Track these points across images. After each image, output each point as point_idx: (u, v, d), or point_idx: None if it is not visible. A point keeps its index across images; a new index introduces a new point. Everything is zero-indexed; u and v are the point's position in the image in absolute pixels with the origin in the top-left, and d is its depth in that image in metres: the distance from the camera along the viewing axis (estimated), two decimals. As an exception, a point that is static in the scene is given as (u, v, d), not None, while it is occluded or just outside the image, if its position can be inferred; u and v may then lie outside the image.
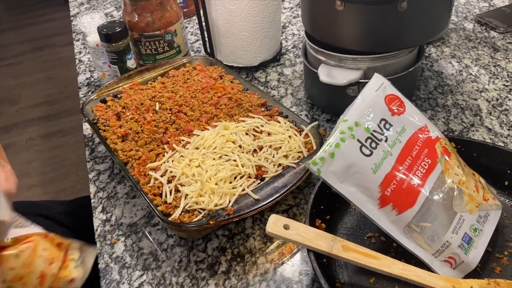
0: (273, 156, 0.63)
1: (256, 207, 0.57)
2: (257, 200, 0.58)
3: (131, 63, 0.86)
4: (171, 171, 0.62)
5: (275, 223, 0.49)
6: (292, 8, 1.15)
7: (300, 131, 0.68)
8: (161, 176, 0.62)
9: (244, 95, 0.76)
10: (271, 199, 0.57)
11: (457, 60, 0.90)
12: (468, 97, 0.81)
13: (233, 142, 0.66)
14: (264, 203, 0.57)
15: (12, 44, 2.95)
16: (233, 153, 0.64)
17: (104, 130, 0.71)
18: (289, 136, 0.66)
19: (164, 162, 0.64)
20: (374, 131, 0.52)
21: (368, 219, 0.51)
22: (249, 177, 0.61)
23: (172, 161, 0.64)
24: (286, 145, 0.65)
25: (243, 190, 0.59)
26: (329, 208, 0.58)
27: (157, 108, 0.74)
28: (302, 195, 0.66)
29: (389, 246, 0.55)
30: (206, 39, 0.92)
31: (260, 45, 0.89)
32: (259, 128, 0.68)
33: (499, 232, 0.55)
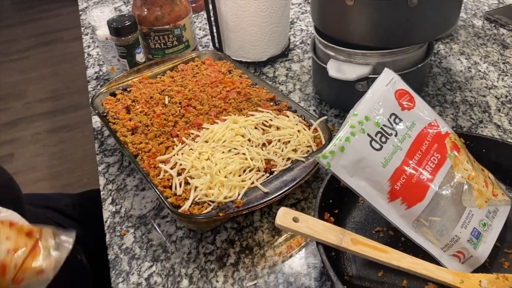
0: (282, 150, 0.64)
1: (265, 200, 0.57)
2: (266, 193, 0.58)
3: (140, 57, 0.86)
4: (180, 164, 0.62)
5: (284, 216, 0.50)
6: (300, 4, 1.15)
7: (309, 125, 0.68)
8: (171, 168, 0.62)
9: (252, 89, 0.77)
10: (280, 192, 0.58)
11: (466, 57, 0.90)
12: (476, 93, 0.81)
13: (242, 135, 0.66)
14: (273, 196, 0.57)
15: (19, 39, 2.97)
16: (242, 146, 0.64)
17: (113, 123, 0.72)
18: (298, 131, 0.66)
19: (173, 155, 0.64)
20: (384, 125, 0.52)
21: (377, 213, 0.51)
22: (258, 170, 0.62)
23: (182, 154, 0.64)
24: (295, 139, 0.65)
25: (252, 183, 0.59)
26: (337, 202, 0.58)
27: (166, 102, 0.75)
28: (310, 189, 0.66)
29: (397, 240, 0.55)
30: (215, 34, 0.92)
31: (269, 40, 0.89)
32: (268, 122, 0.69)
33: (508, 227, 0.55)
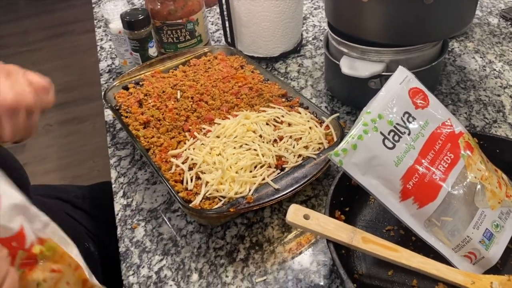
0: (294, 147, 0.64)
1: (276, 197, 0.57)
2: (277, 190, 0.58)
3: (152, 51, 0.86)
4: (192, 159, 0.63)
5: (295, 213, 0.50)
6: (313, -1, 1.15)
7: (321, 122, 0.68)
8: (182, 163, 0.63)
9: (264, 85, 0.76)
10: (291, 189, 0.58)
11: (480, 55, 0.89)
12: (491, 93, 0.80)
13: (253, 131, 0.66)
14: (284, 193, 0.57)
15: (32, 30, 2.98)
16: (253, 142, 0.64)
17: (126, 117, 0.72)
18: (310, 127, 0.66)
19: (185, 150, 0.65)
20: (397, 124, 0.52)
21: (388, 212, 0.51)
22: (269, 166, 0.62)
23: (193, 148, 0.65)
24: (307, 136, 0.65)
25: (263, 179, 0.59)
26: (348, 200, 0.58)
27: (178, 96, 0.75)
28: (321, 187, 0.66)
29: (408, 239, 0.55)
30: (227, 28, 0.92)
31: (281, 35, 0.89)
32: (279, 118, 0.69)
33: (521, 229, 0.55)
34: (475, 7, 0.71)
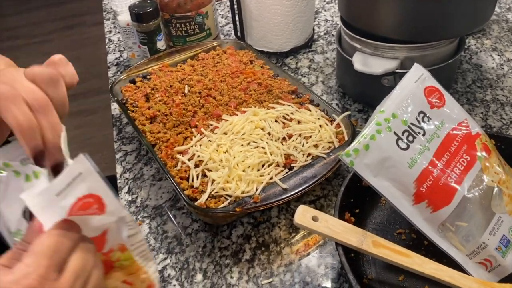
0: (303, 145, 0.62)
1: (284, 197, 0.55)
2: (285, 190, 0.56)
3: (161, 44, 0.85)
4: (198, 156, 0.61)
5: (303, 214, 0.48)
6: (325, -7, 1.12)
7: (332, 120, 0.66)
8: (188, 160, 0.61)
9: (274, 81, 0.75)
10: (300, 189, 0.56)
11: (498, 53, 0.86)
12: (509, 92, 0.77)
13: (262, 129, 0.65)
14: (292, 193, 0.56)
15: (43, 21, 2.99)
16: (261, 140, 0.62)
17: (132, 111, 0.71)
18: (320, 125, 0.64)
19: (192, 146, 0.63)
20: (411, 124, 0.50)
21: (399, 215, 0.49)
22: (277, 165, 0.60)
23: (200, 145, 0.63)
24: (317, 134, 0.63)
25: (271, 178, 0.58)
26: (359, 201, 0.56)
27: (186, 91, 0.73)
28: (331, 187, 0.64)
29: (420, 243, 0.53)
30: (237, 22, 0.90)
31: (292, 30, 0.86)
32: (289, 115, 0.67)
33: (539, 236, 0.53)
34: (495, 3, 0.68)
